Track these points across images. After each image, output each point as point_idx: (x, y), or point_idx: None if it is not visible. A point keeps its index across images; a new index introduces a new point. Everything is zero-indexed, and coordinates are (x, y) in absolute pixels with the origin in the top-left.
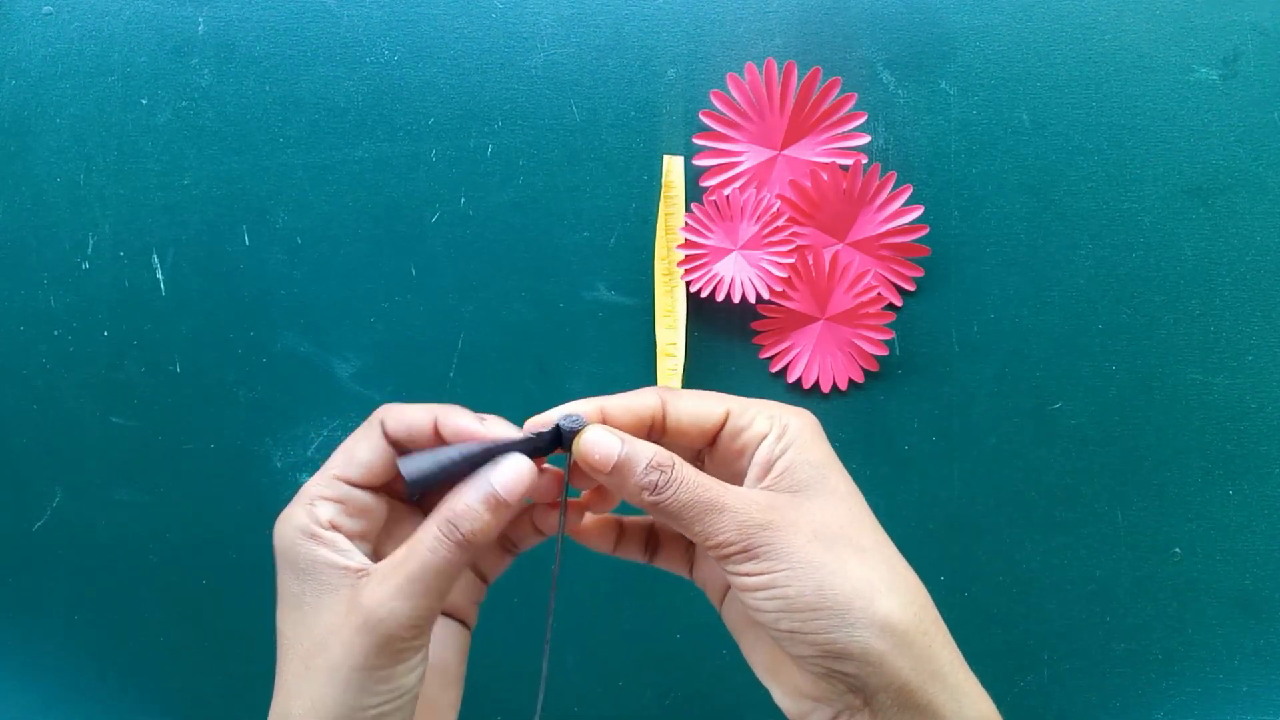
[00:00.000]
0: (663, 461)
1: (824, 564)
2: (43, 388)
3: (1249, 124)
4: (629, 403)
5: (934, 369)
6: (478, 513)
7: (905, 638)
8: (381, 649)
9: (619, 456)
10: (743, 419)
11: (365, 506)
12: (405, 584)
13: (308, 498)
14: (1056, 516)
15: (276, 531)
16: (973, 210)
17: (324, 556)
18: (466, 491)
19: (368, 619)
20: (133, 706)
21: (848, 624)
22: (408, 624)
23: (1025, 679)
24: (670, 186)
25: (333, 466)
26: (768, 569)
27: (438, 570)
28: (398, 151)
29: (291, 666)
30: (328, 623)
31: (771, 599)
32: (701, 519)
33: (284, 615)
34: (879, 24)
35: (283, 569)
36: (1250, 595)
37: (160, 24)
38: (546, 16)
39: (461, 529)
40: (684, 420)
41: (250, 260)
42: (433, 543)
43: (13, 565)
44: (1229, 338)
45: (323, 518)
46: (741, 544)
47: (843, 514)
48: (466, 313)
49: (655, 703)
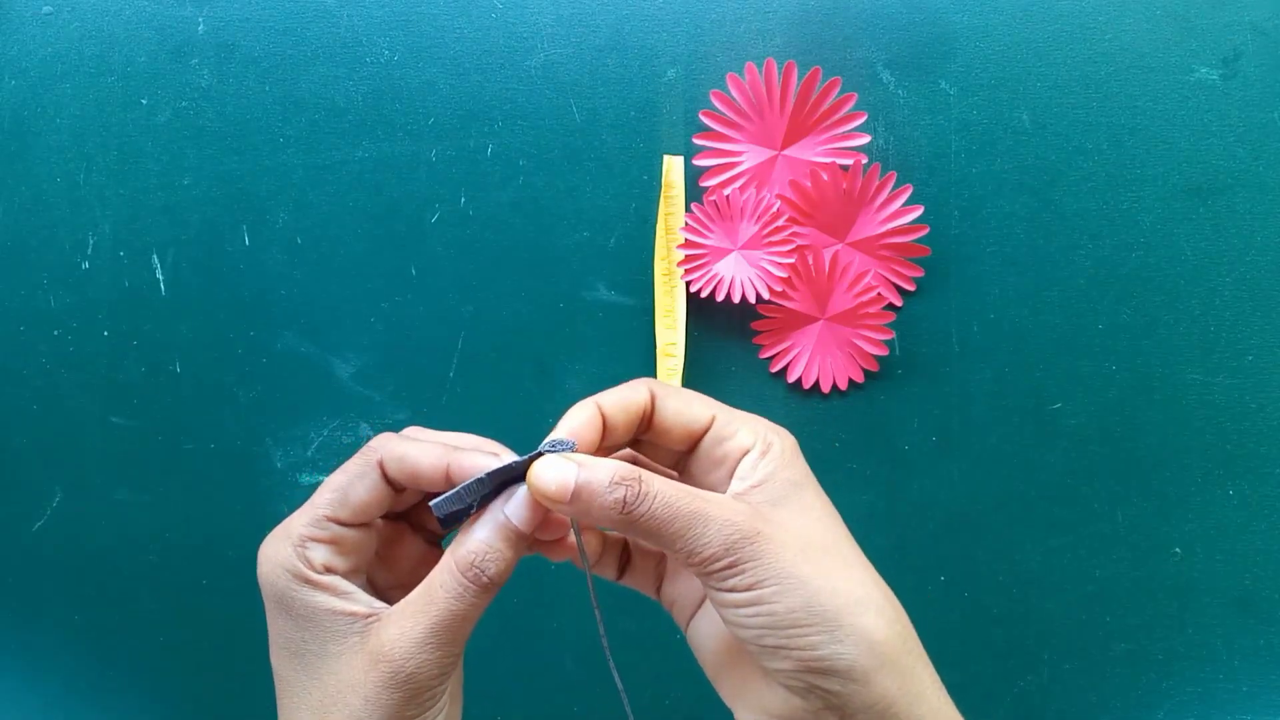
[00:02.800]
0: (626, 475)
1: (811, 578)
2: (43, 388)
3: (1249, 124)
4: (622, 396)
5: (934, 369)
6: (500, 551)
7: (891, 656)
8: (410, 700)
9: (576, 482)
10: (727, 428)
11: (358, 543)
12: (430, 634)
13: (295, 538)
14: (1056, 516)
15: (263, 571)
16: (973, 210)
17: (325, 603)
18: (481, 530)
19: (395, 674)
20: (133, 706)
21: (836, 639)
22: (437, 674)
23: (1025, 679)
24: (670, 186)
25: (322, 506)
26: (755, 582)
27: (464, 616)
28: (398, 151)
29: (302, 718)
30: (344, 677)
31: (757, 614)
32: (686, 532)
33: (282, 660)
34: (879, 24)
35: (275, 613)
36: (1250, 595)
37: (160, 24)
38: (546, 16)
39: (487, 572)
40: (670, 419)
41: (250, 260)
42: (458, 589)
43: (13, 565)
44: (1229, 338)
45: (316, 561)
46: (727, 558)
47: (822, 530)
48: (466, 313)
49: (655, 703)
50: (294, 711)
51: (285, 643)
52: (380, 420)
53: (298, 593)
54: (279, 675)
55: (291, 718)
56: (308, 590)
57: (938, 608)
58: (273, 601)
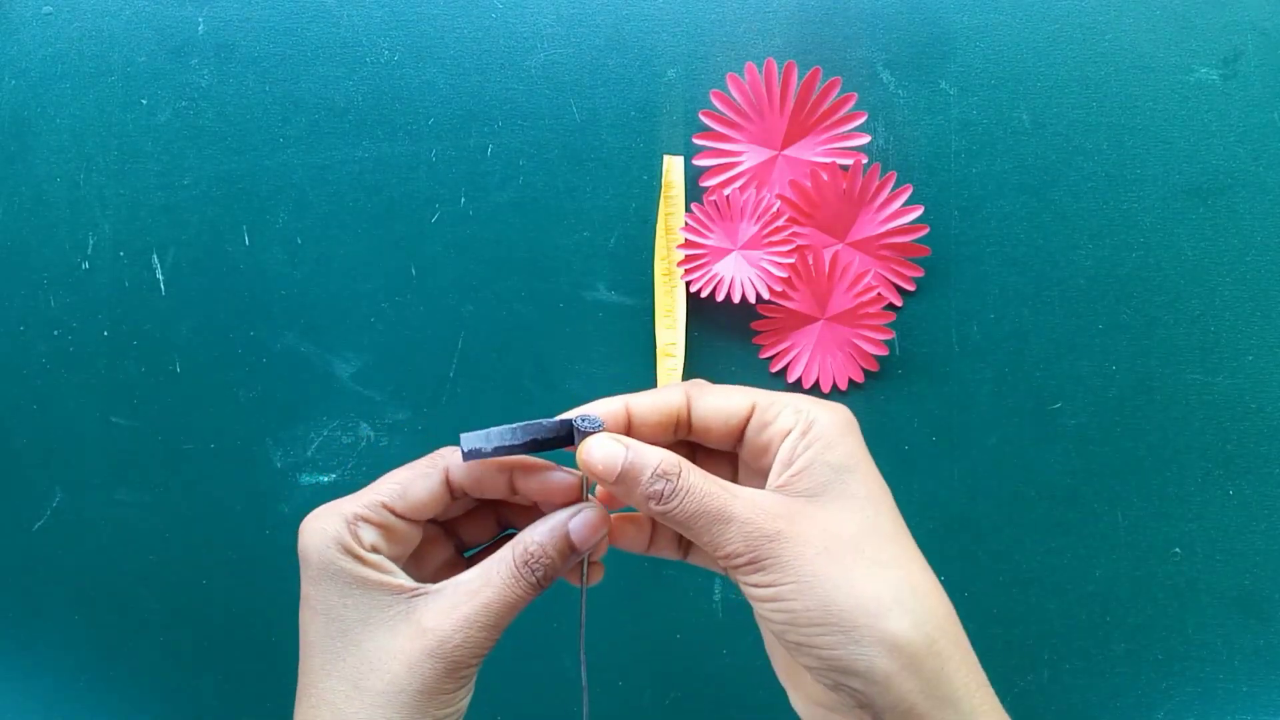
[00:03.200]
0: (668, 469)
1: (831, 578)
2: (43, 388)
3: (1249, 124)
4: (655, 400)
5: (934, 369)
6: (552, 560)
7: (914, 659)
8: (450, 673)
9: (623, 465)
10: (768, 413)
11: (405, 536)
12: (481, 614)
13: (349, 515)
14: (1056, 516)
15: (307, 540)
16: (973, 210)
17: (372, 576)
18: (543, 536)
19: (441, 644)
20: (133, 706)
21: (854, 641)
22: (477, 652)
23: (1025, 679)
24: (670, 186)
25: (382, 494)
26: (774, 580)
27: (513, 605)
28: (398, 151)
29: (332, 684)
30: (385, 644)
31: (779, 611)
32: (709, 529)
33: (317, 625)
34: (879, 24)
35: (318, 579)
36: (1250, 595)
37: (160, 24)
38: (546, 16)
39: (538, 574)
40: (708, 416)
41: (250, 260)
42: (511, 578)
43: (13, 565)
44: (1229, 338)
45: (366, 540)
46: (749, 555)
47: (859, 523)
48: (466, 313)
49: (655, 703)
50: (322, 678)
51: (325, 608)
52: (380, 420)
53: (345, 562)
54: (309, 642)
55: (317, 683)
56: (355, 563)
57: None
58: (315, 568)
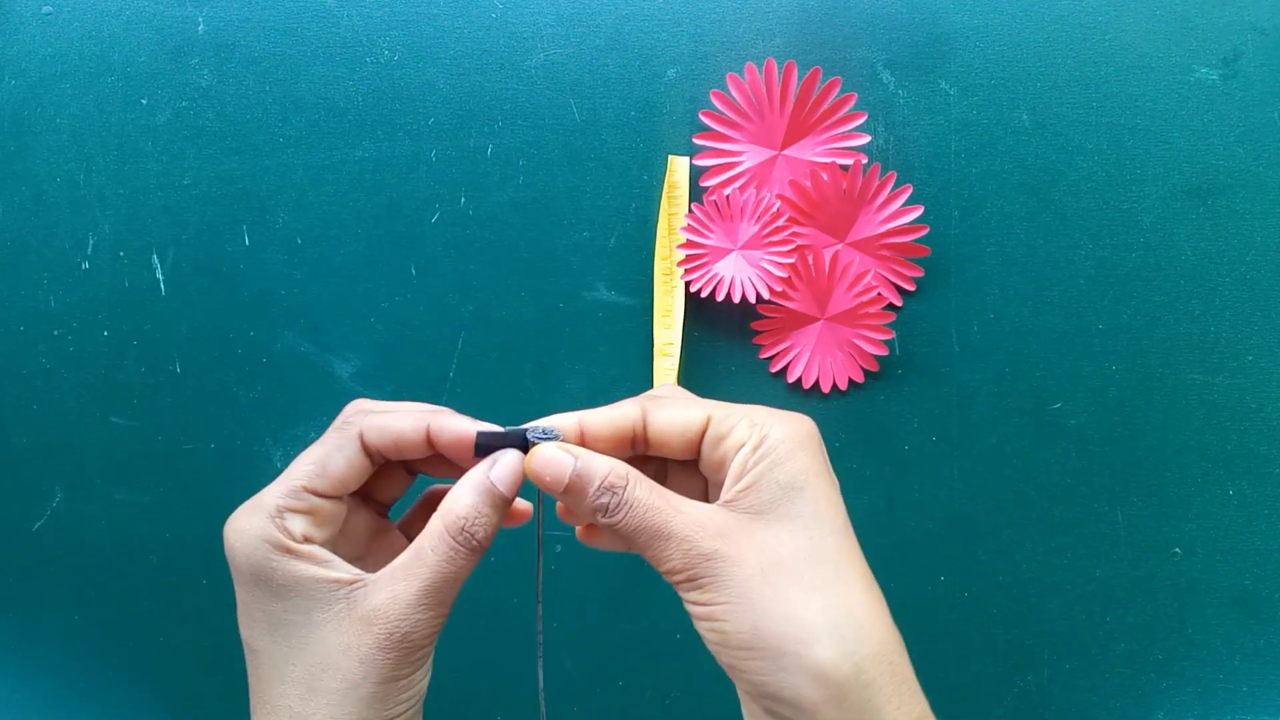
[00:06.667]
0: (615, 482)
1: (764, 601)
2: (43, 388)
3: (1249, 124)
4: (609, 415)
5: (934, 369)
6: (487, 516)
7: (840, 689)
8: (404, 659)
9: (570, 475)
10: (723, 425)
11: (332, 514)
12: (423, 595)
13: (270, 510)
14: (1056, 516)
15: (234, 545)
16: (973, 210)
17: (309, 572)
18: (468, 496)
19: (390, 634)
20: (133, 706)
21: (781, 668)
22: (429, 633)
23: (1025, 679)
24: (674, 187)
25: (300, 478)
26: (710, 600)
27: (455, 578)
28: (398, 151)
29: (286, 689)
30: (333, 643)
31: (712, 630)
32: (651, 544)
33: (258, 634)
34: (879, 24)
35: (250, 586)
36: (1250, 595)
37: (160, 24)
38: (546, 16)
39: (476, 536)
40: (664, 430)
41: (250, 260)
42: (448, 552)
43: (13, 565)
44: (1229, 338)
45: (295, 531)
46: (687, 573)
47: (801, 544)
48: (466, 313)
49: (655, 703)
50: (272, 685)
51: (263, 615)
52: None
53: (278, 562)
54: (254, 650)
55: (269, 692)
56: (289, 560)
57: (938, 608)
58: (247, 574)
